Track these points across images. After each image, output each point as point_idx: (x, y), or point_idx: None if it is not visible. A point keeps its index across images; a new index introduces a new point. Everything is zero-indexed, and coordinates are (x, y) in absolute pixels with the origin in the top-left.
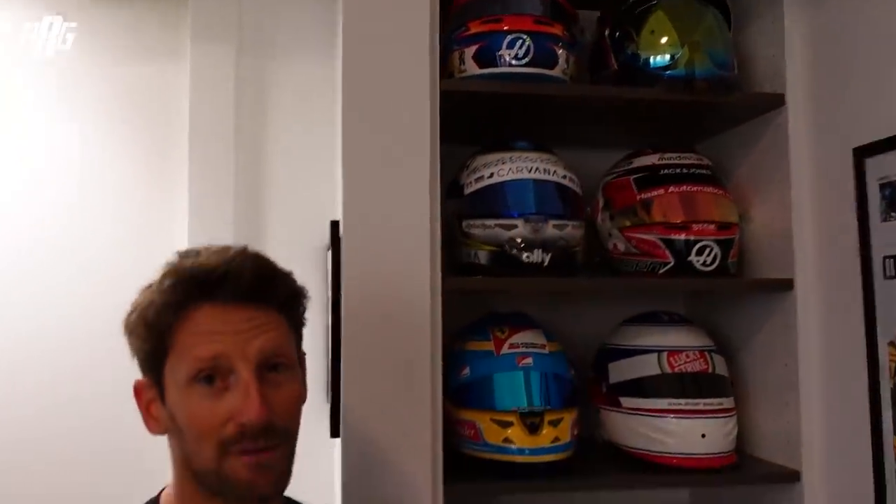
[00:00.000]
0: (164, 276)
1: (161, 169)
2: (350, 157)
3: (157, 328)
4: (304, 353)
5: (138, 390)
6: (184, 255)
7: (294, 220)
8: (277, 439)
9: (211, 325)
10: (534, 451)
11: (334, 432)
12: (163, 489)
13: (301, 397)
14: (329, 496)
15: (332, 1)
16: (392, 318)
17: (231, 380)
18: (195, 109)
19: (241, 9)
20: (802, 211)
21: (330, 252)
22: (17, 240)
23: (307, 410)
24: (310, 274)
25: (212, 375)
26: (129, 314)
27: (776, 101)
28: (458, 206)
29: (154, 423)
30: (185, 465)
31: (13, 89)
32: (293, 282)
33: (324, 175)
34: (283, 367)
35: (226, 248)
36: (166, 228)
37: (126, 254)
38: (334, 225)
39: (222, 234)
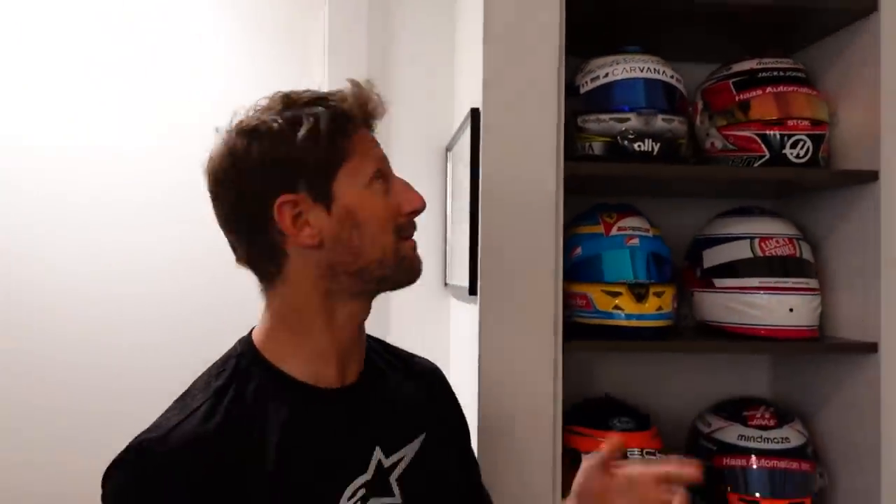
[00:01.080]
0: (334, 97)
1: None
2: (491, 49)
3: (338, 137)
4: None
5: (284, 205)
6: (350, 88)
7: (417, 126)
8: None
9: (368, 142)
10: (640, 317)
11: (472, 290)
12: (251, 329)
13: None
14: (444, 356)
15: None
16: (523, 198)
17: (388, 180)
18: (333, 24)
19: None
20: (890, 109)
21: (455, 151)
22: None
23: (428, 289)
24: (432, 172)
25: (380, 175)
26: (305, 129)
27: (869, 7)
28: (574, 104)
29: (308, 232)
30: (353, 265)
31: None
32: None
33: (443, 87)
34: None
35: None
36: None
37: None
38: (474, 112)
39: None
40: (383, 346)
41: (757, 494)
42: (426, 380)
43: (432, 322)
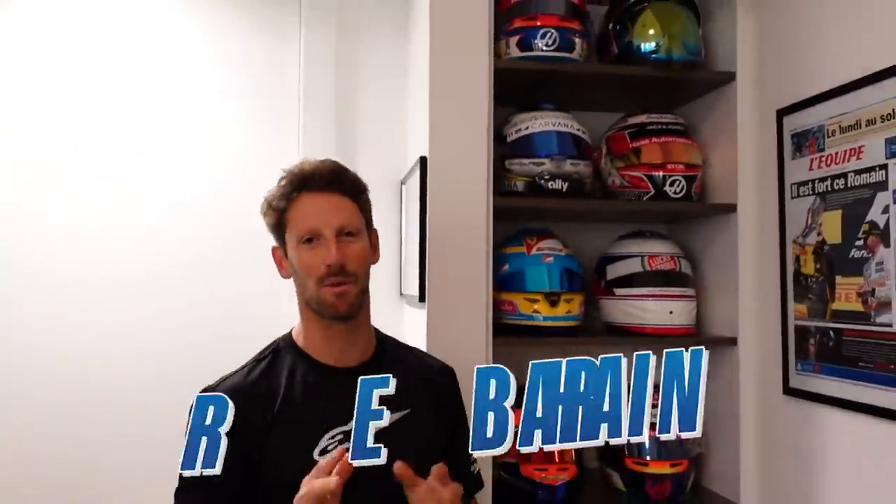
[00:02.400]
0: (281, 178)
1: (275, 134)
2: (435, 111)
3: (278, 210)
4: (376, 230)
5: (274, 251)
6: (293, 165)
7: (376, 164)
8: (349, 277)
9: (308, 207)
10: (554, 319)
11: (422, 298)
12: (291, 329)
13: (367, 253)
14: None
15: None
16: (461, 225)
17: (322, 241)
18: (307, 80)
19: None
20: (744, 155)
21: (408, 185)
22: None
23: (386, 298)
24: (390, 202)
25: (311, 238)
26: (262, 204)
27: (729, 77)
28: (502, 149)
29: (283, 270)
30: (302, 297)
31: (150, 64)
32: (357, 178)
33: (398, 132)
34: (352, 234)
35: (318, 160)
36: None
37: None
38: (423, 159)
39: None
40: (397, 343)
41: (647, 458)
42: (430, 374)
43: (391, 323)
